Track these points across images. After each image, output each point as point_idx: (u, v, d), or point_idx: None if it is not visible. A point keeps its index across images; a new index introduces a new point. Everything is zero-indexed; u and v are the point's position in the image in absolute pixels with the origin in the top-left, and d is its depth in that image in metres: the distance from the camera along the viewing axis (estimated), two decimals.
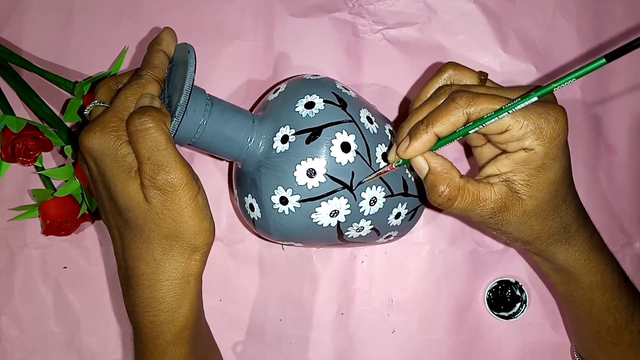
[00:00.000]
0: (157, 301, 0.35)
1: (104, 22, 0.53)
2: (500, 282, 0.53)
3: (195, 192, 0.34)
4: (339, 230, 0.41)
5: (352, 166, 0.40)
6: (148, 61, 0.37)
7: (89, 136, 0.34)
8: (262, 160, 0.41)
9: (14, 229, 0.53)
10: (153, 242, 0.34)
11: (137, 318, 0.36)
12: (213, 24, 0.53)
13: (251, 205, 0.42)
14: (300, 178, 0.39)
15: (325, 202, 0.39)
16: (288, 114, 0.41)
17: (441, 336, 0.53)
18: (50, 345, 0.53)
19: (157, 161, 0.33)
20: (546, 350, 0.53)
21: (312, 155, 0.39)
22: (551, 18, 0.54)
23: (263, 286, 0.53)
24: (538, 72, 0.54)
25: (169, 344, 0.36)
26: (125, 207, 0.34)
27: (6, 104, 0.51)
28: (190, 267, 0.35)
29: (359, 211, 0.41)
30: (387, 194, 0.41)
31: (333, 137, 0.40)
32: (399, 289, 0.53)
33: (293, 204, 0.40)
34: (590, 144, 0.54)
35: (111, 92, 0.38)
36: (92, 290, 0.53)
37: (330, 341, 0.53)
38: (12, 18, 0.53)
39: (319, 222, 0.40)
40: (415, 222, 0.46)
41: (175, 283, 0.35)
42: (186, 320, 0.36)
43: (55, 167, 0.53)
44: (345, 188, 0.40)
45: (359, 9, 0.54)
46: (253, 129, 0.41)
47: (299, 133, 0.40)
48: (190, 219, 0.34)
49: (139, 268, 0.35)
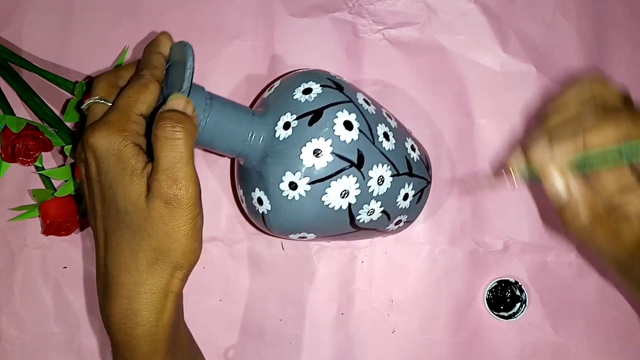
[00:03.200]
0: (135, 314, 0.34)
1: (104, 22, 0.53)
2: (500, 282, 0.53)
3: (196, 213, 0.34)
4: (351, 214, 0.41)
5: (356, 144, 0.40)
6: (147, 62, 0.38)
7: (94, 135, 0.33)
8: (266, 151, 0.41)
9: (14, 228, 0.53)
10: (140, 252, 0.34)
11: (114, 329, 0.35)
12: (213, 24, 0.54)
13: (259, 199, 0.42)
14: (307, 160, 0.39)
15: (335, 182, 0.39)
16: (287, 102, 0.41)
17: (441, 336, 0.53)
18: (50, 345, 0.53)
19: (174, 174, 0.33)
20: (546, 350, 0.53)
21: (316, 136, 0.39)
22: (551, 18, 0.54)
23: (263, 286, 0.53)
24: (538, 72, 0.54)
25: (146, 357, 0.35)
26: (124, 209, 0.34)
27: (6, 104, 0.51)
28: (171, 284, 0.35)
29: (368, 191, 0.41)
30: (393, 173, 0.42)
31: (335, 117, 0.40)
32: (398, 289, 0.53)
33: (303, 188, 0.39)
34: None
35: (110, 87, 0.38)
36: (92, 290, 0.53)
37: (330, 341, 0.53)
38: (12, 18, 0.53)
39: (330, 204, 0.40)
40: (422, 205, 0.46)
41: (154, 297, 0.34)
42: (164, 334, 0.35)
43: (55, 167, 0.53)
44: (353, 166, 0.40)
45: (359, 9, 0.54)
46: (254, 122, 0.41)
47: (301, 117, 0.40)
48: (183, 238, 0.34)
49: (120, 276, 0.34)
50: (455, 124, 0.54)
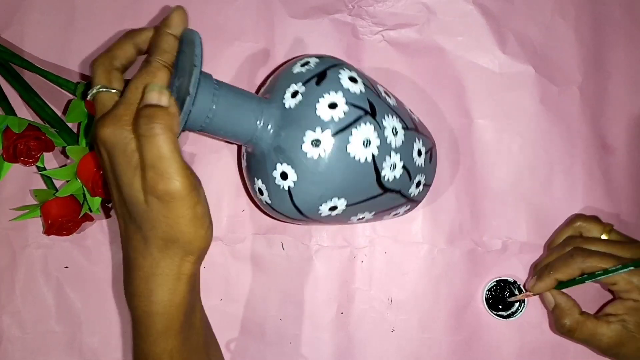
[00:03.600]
0: (150, 293, 0.36)
1: (105, 23, 0.54)
2: (499, 282, 0.53)
3: (194, 202, 0.34)
4: (376, 168, 0.41)
5: (365, 95, 0.41)
6: (157, 45, 0.37)
7: (102, 130, 0.34)
8: (278, 126, 0.41)
9: (16, 228, 0.53)
10: (150, 240, 0.35)
11: (134, 305, 0.37)
12: (213, 25, 0.54)
13: (283, 174, 0.41)
14: (325, 113, 0.40)
15: (355, 129, 0.40)
16: (289, 77, 0.42)
17: (440, 335, 0.53)
18: (52, 344, 0.53)
19: (159, 170, 0.33)
20: (545, 349, 0.54)
21: (327, 91, 0.40)
22: (550, 19, 0.55)
23: (263, 286, 0.53)
24: (537, 73, 0.54)
25: (160, 334, 0.37)
26: (129, 201, 0.35)
27: (8, 105, 0.51)
28: (183, 267, 0.36)
29: (387, 142, 0.41)
30: (403, 126, 0.43)
31: (339, 73, 0.42)
32: (398, 289, 0.54)
33: (326, 142, 0.40)
34: (588, 144, 0.54)
35: (107, 73, 0.38)
36: (94, 289, 0.53)
37: (330, 340, 0.53)
38: (14, 19, 0.53)
39: (355, 156, 0.40)
40: (434, 166, 0.48)
41: (167, 279, 0.36)
42: (177, 313, 0.37)
43: (56, 167, 0.53)
44: (368, 114, 0.41)
45: (359, 11, 0.54)
46: (261, 105, 0.41)
47: (307, 82, 0.41)
48: (186, 227, 0.34)
49: (137, 260, 0.36)
50: (454, 124, 0.54)
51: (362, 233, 0.54)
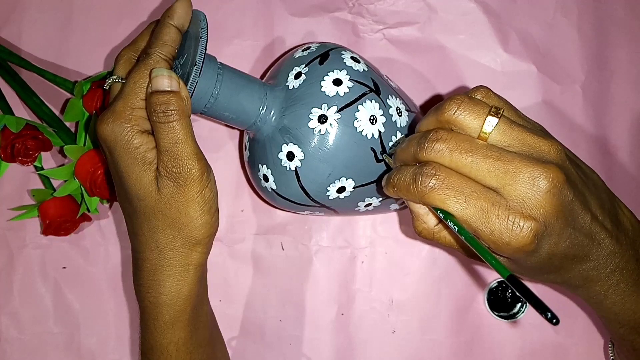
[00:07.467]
0: (158, 284, 0.37)
1: (103, 21, 0.53)
2: (501, 283, 0.53)
3: (204, 186, 0.35)
4: (383, 147, 0.41)
5: (369, 73, 0.42)
6: (157, 37, 0.36)
7: (102, 126, 0.34)
8: (283, 107, 0.41)
9: (13, 229, 0.53)
10: (158, 231, 0.36)
11: (142, 297, 0.38)
12: (213, 23, 0.53)
13: (289, 154, 0.40)
14: (330, 90, 0.40)
15: (361, 105, 0.40)
16: (291, 62, 0.43)
17: (441, 336, 0.53)
18: (50, 345, 0.53)
19: (175, 154, 0.34)
20: (547, 350, 0.53)
21: (331, 69, 0.41)
22: (552, 17, 0.54)
23: (263, 286, 0.53)
24: (539, 71, 0.54)
25: (167, 325, 0.37)
26: (136, 196, 0.35)
27: (5, 104, 0.51)
28: (190, 257, 0.37)
29: (392, 120, 0.41)
30: (406, 108, 0.44)
31: (341, 54, 0.42)
32: (399, 289, 0.53)
33: (333, 117, 0.39)
34: (590, 144, 0.54)
35: (130, 64, 0.38)
36: (92, 290, 0.53)
37: (330, 341, 0.53)
38: (12, 18, 0.53)
39: (363, 130, 0.40)
40: None
41: (175, 270, 0.37)
42: (184, 305, 0.37)
43: (54, 167, 0.53)
44: (372, 92, 0.41)
45: (359, 9, 0.54)
46: (265, 88, 0.41)
47: (309, 63, 0.41)
48: (194, 212, 0.35)
49: (144, 252, 0.37)
50: None
51: (363, 233, 0.53)
